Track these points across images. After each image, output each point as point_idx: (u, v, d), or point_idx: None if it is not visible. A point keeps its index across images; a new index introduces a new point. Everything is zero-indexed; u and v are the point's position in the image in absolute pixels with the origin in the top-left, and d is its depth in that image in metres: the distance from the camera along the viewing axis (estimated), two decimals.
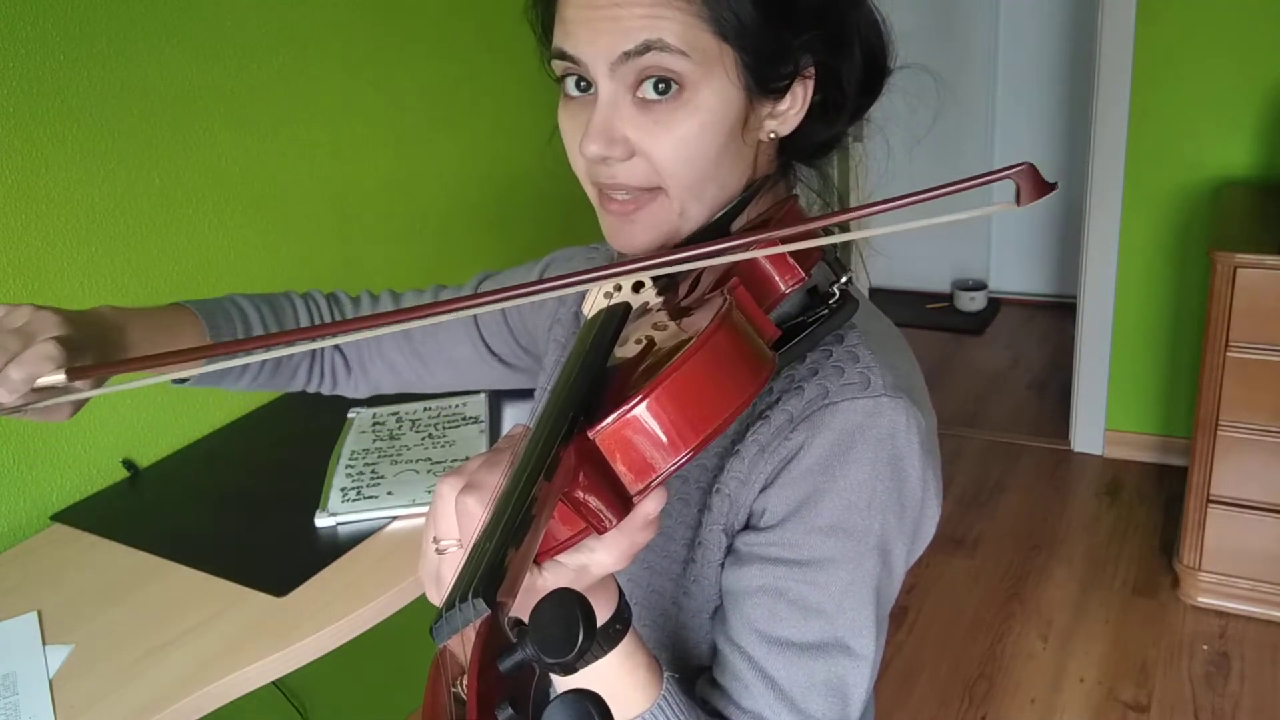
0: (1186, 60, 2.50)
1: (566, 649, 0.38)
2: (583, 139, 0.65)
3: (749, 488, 0.68)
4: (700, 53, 0.63)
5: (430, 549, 0.54)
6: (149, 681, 1.02)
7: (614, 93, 0.65)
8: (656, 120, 0.65)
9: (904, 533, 0.68)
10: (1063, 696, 2.11)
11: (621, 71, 0.64)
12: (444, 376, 1.00)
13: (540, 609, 0.39)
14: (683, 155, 0.65)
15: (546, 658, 0.38)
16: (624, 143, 0.65)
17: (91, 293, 1.44)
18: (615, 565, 0.54)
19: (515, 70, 2.27)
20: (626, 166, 0.66)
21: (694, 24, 0.63)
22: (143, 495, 1.46)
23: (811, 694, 0.66)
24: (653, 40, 0.62)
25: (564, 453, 0.48)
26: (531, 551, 0.45)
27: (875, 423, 0.65)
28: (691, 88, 0.64)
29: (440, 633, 0.42)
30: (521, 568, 0.44)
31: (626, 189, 0.67)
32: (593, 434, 0.49)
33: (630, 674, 0.60)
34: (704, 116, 0.65)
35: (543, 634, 0.38)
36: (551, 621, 0.39)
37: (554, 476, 0.47)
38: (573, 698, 0.36)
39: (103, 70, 1.43)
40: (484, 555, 0.44)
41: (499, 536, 0.44)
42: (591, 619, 0.39)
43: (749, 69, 0.65)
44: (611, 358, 0.57)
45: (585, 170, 0.69)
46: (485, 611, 0.40)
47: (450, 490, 0.53)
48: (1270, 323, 2.03)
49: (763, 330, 0.58)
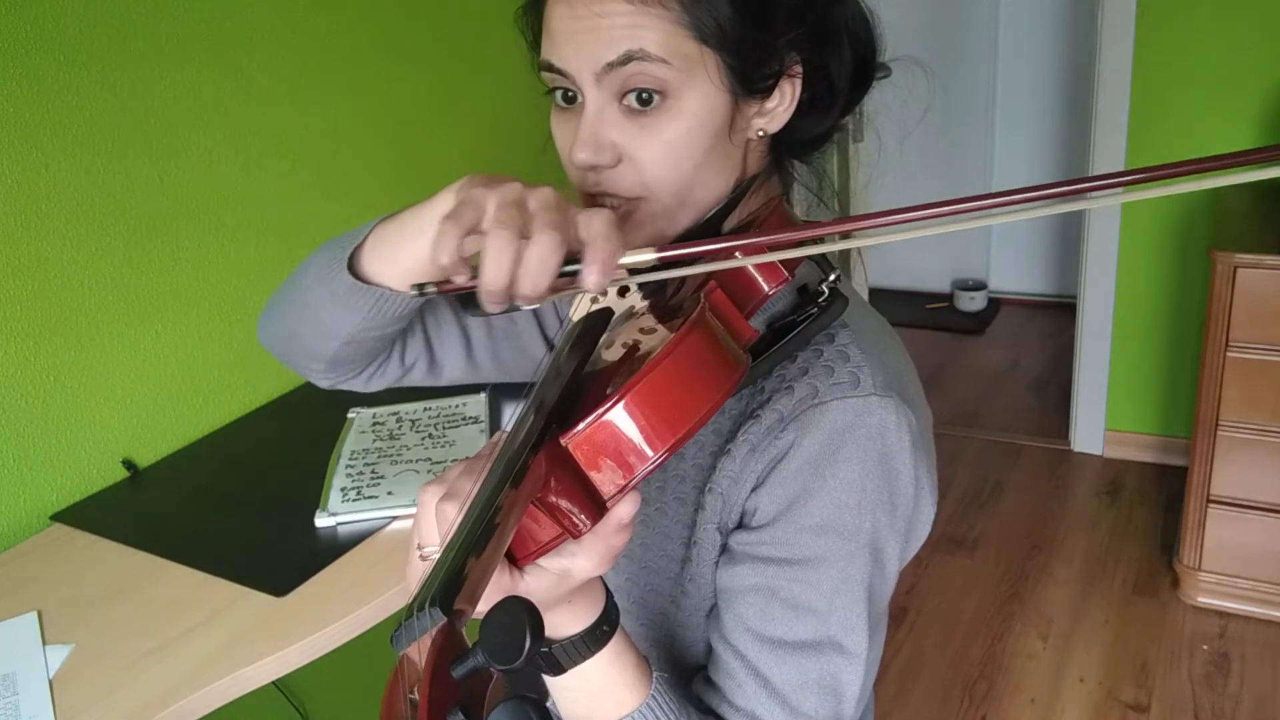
0: (1186, 58, 2.50)
1: (513, 655, 0.39)
2: (572, 147, 0.67)
3: (741, 486, 0.68)
4: (682, 59, 0.64)
5: (415, 556, 0.56)
6: (149, 681, 1.02)
7: (600, 101, 0.66)
8: (643, 126, 0.66)
9: (896, 531, 0.68)
10: (1063, 696, 2.11)
11: (606, 81, 0.65)
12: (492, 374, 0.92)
13: (489, 617, 0.40)
14: (669, 159, 0.66)
15: (495, 664, 0.39)
16: (612, 149, 0.66)
17: (91, 293, 1.44)
18: (596, 569, 0.54)
19: (514, 69, 2.27)
20: (614, 174, 0.67)
21: (674, 31, 0.63)
22: (143, 495, 1.46)
23: (805, 692, 0.66)
24: (634, 50, 0.63)
25: (534, 460, 0.49)
26: (495, 559, 0.46)
27: (865, 422, 0.65)
28: (675, 94, 0.65)
29: (399, 641, 0.43)
30: (483, 575, 0.45)
31: (614, 196, 0.68)
32: (565, 440, 0.50)
33: (620, 674, 0.61)
34: (689, 121, 0.65)
35: (491, 641, 0.39)
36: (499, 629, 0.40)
37: (521, 484, 0.48)
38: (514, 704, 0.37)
39: (103, 70, 1.43)
40: (444, 564, 0.45)
41: (460, 545, 0.45)
42: (539, 626, 0.40)
43: (732, 71, 0.66)
44: (598, 361, 0.58)
45: (576, 176, 0.70)
46: (441, 620, 0.41)
47: (430, 498, 0.55)
48: (1270, 323, 2.03)
49: (738, 333, 0.58)
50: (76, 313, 1.43)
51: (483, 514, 0.46)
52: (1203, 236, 2.57)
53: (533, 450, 0.49)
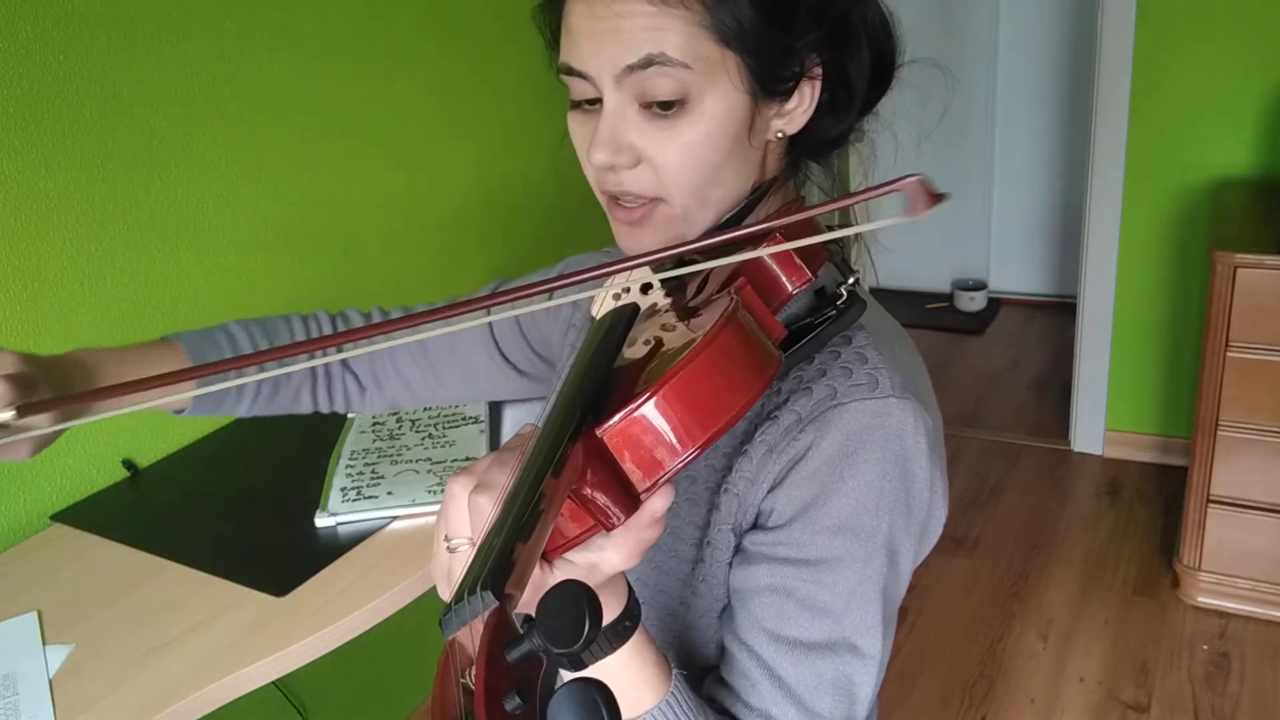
0: (1186, 59, 2.50)
1: (573, 639, 0.38)
2: (590, 147, 0.66)
3: (757, 488, 0.68)
4: (703, 61, 0.63)
5: (442, 548, 0.55)
6: (149, 681, 1.02)
7: (620, 103, 0.65)
8: (662, 128, 0.65)
9: (911, 533, 0.68)
10: (1063, 696, 2.11)
11: (626, 83, 0.64)
12: (459, 388, 1.00)
13: (546, 600, 0.40)
14: (688, 161, 0.66)
15: (554, 648, 0.38)
16: (630, 150, 0.66)
17: (92, 294, 1.44)
18: (624, 563, 0.54)
19: (524, 71, 2.27)
20: (633, 174, 0.67)
21: (696, 33, 0.63)
22: (143, 495, 1.46)
23: (819, 693, 0.66)
24: (655, 54, 0.63)
25: (572, 450, 0.49)
26: (539, 546, 0.46)
27: (883, 423, 0.65)
28: (696, 98, 0.64)
29: (449, 625, 0.43)
30: (529, 561, 0.44)
31: (634, 196, 0.68)
32: (600, 432, 0.50)
33: (639, 670, 0.61)
34: (709, 124, 0.65)
35: (549, 624, 0.39)
36: (558, 612, 0.39)
37: (562, 473, 0.47)
38: (580, 686, 0.37)
39: (103, 70, 1.43)
40: (492, 549, 0.44)
41: (507, 531, 0.45)
42: (597, 610, 0.39)
43: (753, 73, 0.65)
44: (620, 358, 0.57)
45: (594, 175, 0.70)
46: (493, 603, 0.41)
47: (461, 489, 0.54)
48: (1270, 323, 2.03)
49: (769, 330, 0.58)
50: (77, 313, 1.42)
51: (526, 501, 0.46)
52: (1203, 236, 2.57)
53: (570, 440, 0.49)
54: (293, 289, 1.77)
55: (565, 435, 0.49)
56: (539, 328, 0.95)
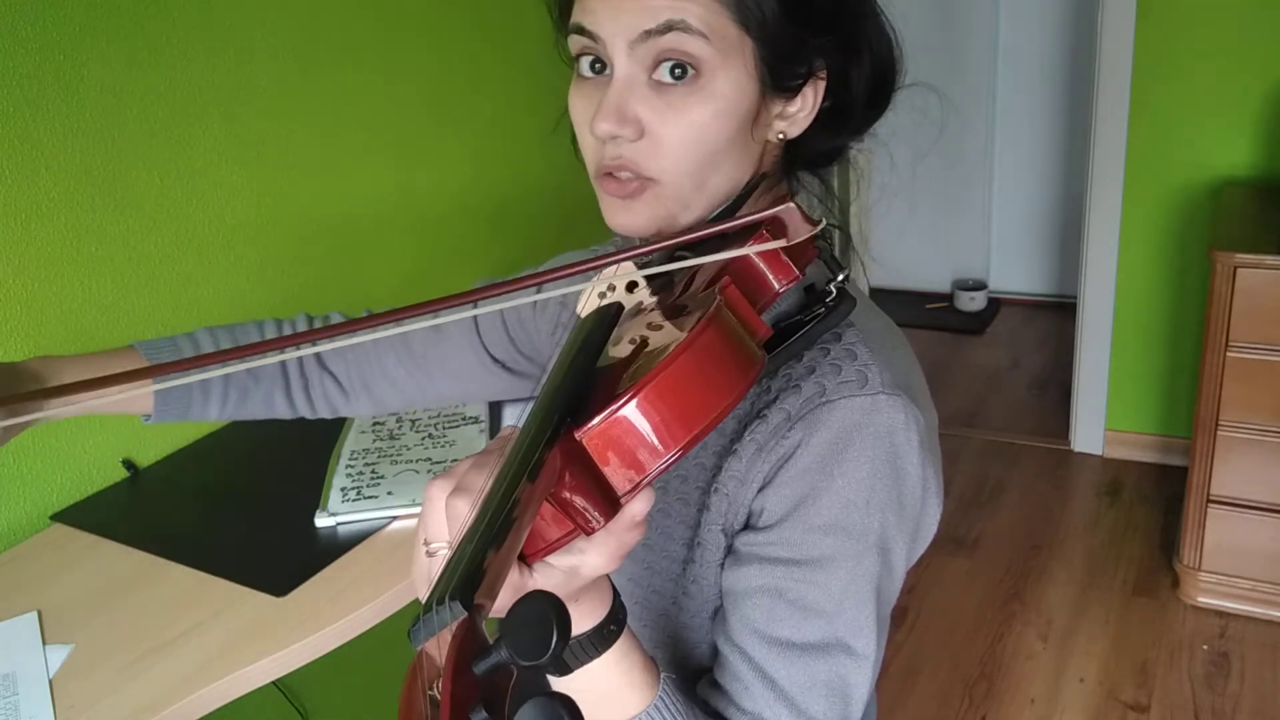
0: (1186, 60, 2.50)
1: (540, 651, 0.38)
2: (595, 116, 0.65)
3: (747, 487, 0.68)
4: (721, 39, 0.63)
5: (421, 552, 0.55)
6: (149, 681, 1.02)
7: (630, 72, 0.65)
8: (670, 103, 0.65)
9: (904, 531, 0.68)
10: (1063, 696, 2.11)
11: (640, 51, 0.64)
12: (446, 388, 1.00)
13: (513, 612, 0.39)
14: (693, 139, 0.65)
15: (521, 660, 0.38)
16: (636, 123, 0.65)
17: (92, 295, 1.44)
18: (605, 566, 0.53)
19: (520, 74, 2.27)
20: (634, 148, 0.66)
21: (718, 10, 0.63)
22: (142, 495, 1.46)
23: (812, 694, 0.66)
24: (675, 20, 0.62)
25: (549, 454, 0.48)
26: (513, 553, 0.45)
27: (873, 420, 0.65)
28: (709, 74, 0.64)
29: (417, 636, 0.42)
30: (502, 569, 0.44)
31: (631, 171, 0.67)
32: (579, 435, 0.49)
33: (626, 674, 0.60)
34: (718, 104, 0.65)
35: (516, 636, 0.39)
36: (525, 623, 0.39)
37: (537, 478, 0.47)
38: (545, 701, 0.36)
39: (104, 71, 1.43)
40: (462, 559, 0.44)
41: (479, 539, 0.44)
42: (566, 621, 0.39)
43: (766, 63, 0.66)
44: (605, 358, 0.57)
45: (593, 149, 0.69)
46: (462, 614, 0.40)
47: (440, 493, 0.54)
48: (1270, 323, 2.03)
49: (754, 329, 0.58)
50: (77, 313, 1.42)
51: (500, 507, 0.45)
52: (1203, 236, 2.57)
53: (548, 444, 0.48)
54: (293, 289, 1.77)
55: (542, 439, 0.49)
56: (524, 327, 0.95)
